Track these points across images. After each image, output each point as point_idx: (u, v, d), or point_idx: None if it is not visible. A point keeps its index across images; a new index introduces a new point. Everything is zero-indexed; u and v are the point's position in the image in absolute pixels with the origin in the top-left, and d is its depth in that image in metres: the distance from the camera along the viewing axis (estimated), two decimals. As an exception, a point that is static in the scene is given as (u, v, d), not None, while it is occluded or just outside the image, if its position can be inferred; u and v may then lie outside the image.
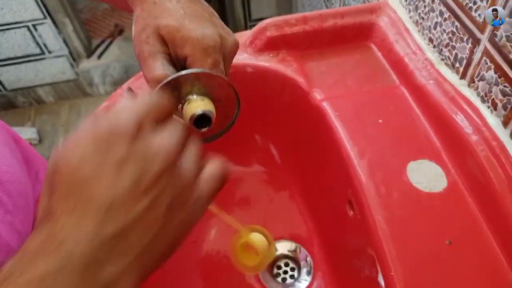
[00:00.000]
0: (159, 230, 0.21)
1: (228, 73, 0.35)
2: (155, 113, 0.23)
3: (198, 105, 0.31)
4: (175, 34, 0.31)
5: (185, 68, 0.32)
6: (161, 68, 0.31)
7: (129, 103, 0.23)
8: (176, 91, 0.32)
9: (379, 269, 0.36)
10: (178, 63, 0.33)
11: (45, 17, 1.42)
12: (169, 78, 0.30)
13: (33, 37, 1.48)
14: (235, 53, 0.35)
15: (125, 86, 0.48)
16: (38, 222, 0.21)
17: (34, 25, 1.44)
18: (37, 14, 1.41)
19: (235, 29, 1.54)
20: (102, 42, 1.66)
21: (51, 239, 0.19)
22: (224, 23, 0.36)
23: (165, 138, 0.22)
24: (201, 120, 0.32)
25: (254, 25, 0.53)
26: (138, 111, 0.22)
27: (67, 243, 0.19)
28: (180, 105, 0.32)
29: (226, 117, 0.36)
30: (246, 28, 1.58)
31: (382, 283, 0.36)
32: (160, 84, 0.30)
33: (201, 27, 0.32)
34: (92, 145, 0.21)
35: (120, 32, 1.72)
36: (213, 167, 0.25)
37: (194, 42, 0.31)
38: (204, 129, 0.32)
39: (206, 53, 0.31)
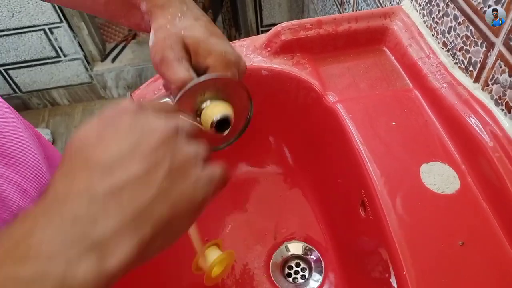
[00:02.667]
0: (156, 196, 0.21)
1: None
2: (155, 107, 0.25)
3: (218, 108, 0.33)
4: (200, 45, 0.34)
5: None
6: (187, 72, 0.33)
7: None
8: (191, 98, 0.33)
9: (391, 269, 0.36)
10: (197, 72, 0.35)
11: (61, 21, 1.45)
12: (199, 80, 0.32)
13: (49, 40, 1.51)
14: (245, 74, 0.38)
15: (136, 93, 0.50)
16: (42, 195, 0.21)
17: (50, 29, 1.48)
18: (54, 18, 1.44)
19: (247, 34, 1.55)
20: (116, 46, 1.69)
21: (43, 203, 0.20)
22: (236, 28, 0.39)
23: (164, 119, 0.24)
24: (221, 123, 0.33)
25: (265, 31, 0.54)
26: (139, 103, 0.24)
27: (58, 202, 0.20)
28: (197, 112, 0.34)
29: (238, 124, 0.37)
30: (257, 33, 1.59)
31: (394, 283, 0.36)
32: (189, 85, 0.32)
33: (223, 44, 0.34)
34: (97, 121, 0.23)
35: (134, 36, 1.75)
36: (215, 166, 0.26)
37: (217, 55, 0.33)
38: (225, 132, 0.33)
39: (228, 66, 0.34)
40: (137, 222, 0.21)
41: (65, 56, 1.57)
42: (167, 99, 0.34)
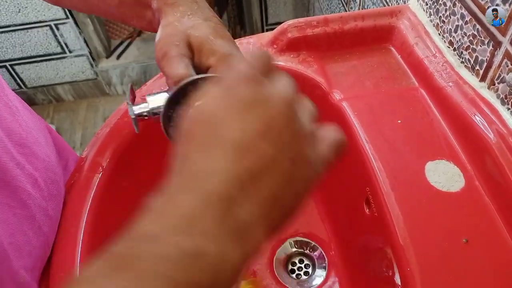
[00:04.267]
0: (286, 182, 0.21)
1: None
2: (265, 66, 0.24)
3: None
4: (204, 44, 0.34)
5: None
6: (185, 69, 0.33)
7: (240, 63, 0.23)
8: (186, 97, 0.33)
9: (395, 266, 0.37)
10: (199, 71, 0.35)
11: (67, 17, 1.46)
12: (193, 78, 0.32)
13: (55, 36, 1.52)
14: None
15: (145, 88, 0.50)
16: (175, 169, 0.21)
17: (56, 25, 1.48)
18: (60, 14, 1.45)
19: (252, 32, 1.56)
20: (121, 43, 1.70)
21: (190, 178, 0.20)
22: (241, 26, 0.38)
23: (284, 85, 0.23)
24: None
25: (270, 29, 0.54)
26: (251, 64, 0.23)
27: (202, 180, 0.20)
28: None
29: None
30: (262, 32, 1.59)
31: (398, 280, 0.37)
32: (184, 81, 0.32)
33: (229, 46, 0.34)
34: (219, 92, 0.22)
35: (139, 33, 1.75)
36: (330, 130, 0.25)
37: (220, 56, 0.33)
38: None
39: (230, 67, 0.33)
40: (270, 213, 0.21)
41: (70, 52, 1.58)
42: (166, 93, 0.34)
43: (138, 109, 0.34)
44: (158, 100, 0.34)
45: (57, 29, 1.49)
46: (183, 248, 0.18)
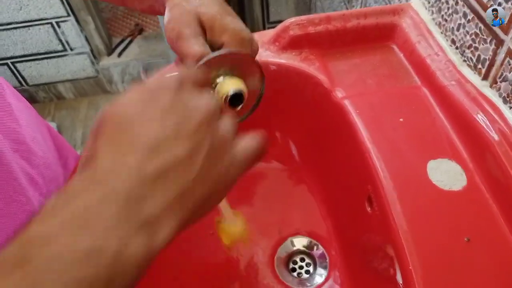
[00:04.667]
0: (197, 177, 0.22)
1: None
2: (194, 79, 0.25)
3: (232, 83, 0.33)
4: (215, 22, 0.34)
5: None
6: (203, 46, 0.33)
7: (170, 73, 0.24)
8: (206, 73, 0.33)
9: (397, 264, 0.37)
10: (212, 49, 0.35)
11: (68, 15, 1.46)
12: (214, 54, 0.32)
13: (56, 34, 1.52)
14: (257, 53, 0.38)
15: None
16: (80, 167, 0.22)
17: (57, 22, 1.48)
18: (61, 11, 1.45)
19: (253, 31, 1.55)
20: (123, 40, 1.70)
21: (93, 177, 0.20)
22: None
23: (204, 98, 0.24)
24: (234, 99, 0.33)
25: (272, 27, 0.54)
26: (180, 75, 0.24)
27: (110, 178, 0.20)
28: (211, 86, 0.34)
29: (249, 103, 0.37)
30: (264, 30, 1.59)
31: (400, 279, 0.37)
32: (206, 58, 0.32)
33: (237, 22, 0.35)
34: (137, 95, 0.23)
35: (140, 31, 1.75)
36: (250, 137, 0.26)
37: (233, 32, 0.34)
38: (238, 107, 0.34)
39: (243, 43, 0.34)
40: (180, 202, 0.21)
41: (71, 50, 1.58)
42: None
43: None
44: None
45: (59, 26, 1.49)
46: (77, 247, 0.18)
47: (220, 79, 0.34)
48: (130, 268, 0.19)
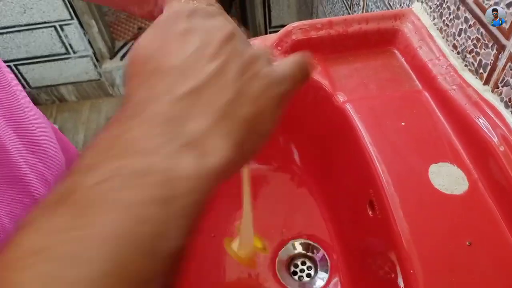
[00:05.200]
0: (236, 93, 0.21)
1: None
2: (206, 11, 0.24)
3: None
4: None
5: None
6: None
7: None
8: None
9: (398, 268, 0.37)
10: None
11: (72, 18, 1.47)
12: None
13: (59, 37, 1.53)
14: None
15: None
16: (120, 108, 0.21)
17: (61, 26, 1.49)
18: (65, 15, 1.46)
19: (255, 35, 1.56)
20: (125, 44, 1.70)
21: (130, 111, 0.20)
22: (245, 28, 0.38)
23: (223, 20, 0.23)
24: None
25: (274, 31, 0.55)
26: (192, 6, 0.24)
27: (145, 107, 0.20)
28: None
29: None
30: (266, 34, 1.60)
31: (401, 283, 0.37)
32: None
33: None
34: (154, 28, 0.23)
35: (143, 34, 1.76)
36: (291, 56, 0.25)
37: None
38: None
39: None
40: (224, 122, 0.20)
41: (74, 53, 1.59)
42: None
43: None
44: None
45: (62, 30, 1.50)
46: (126, 169, 0.17)
47: None
48: (184, 190, 0.17)
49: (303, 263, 0.54)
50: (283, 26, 0.54)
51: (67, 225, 0.15)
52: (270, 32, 1.57)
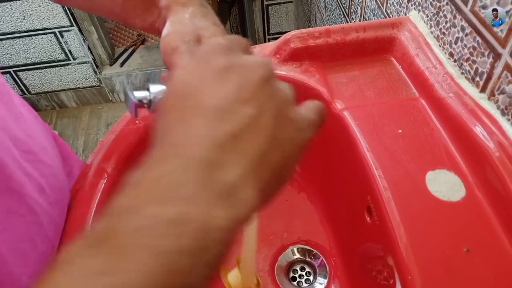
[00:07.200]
0: (270, 140, 0.21)
1: None
2: (240, 43, 0.25)
3: None
4: None
5: None
6: None
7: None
8: None
9: (396, 274, 0.37)
10: None
11: (71, 25, 1.48)
12: None
13: (59, 43, 1.53)
14: None
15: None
16: (154, 143, 0.21)
17: (60, 32, 1.50)
18: (65, 21, 1.46)
19: (254, 42, 1.57)
20: (125, 50, 1.71)
21: (168, 151, 0.20)
22: (244, 36, 0.39)
23: (257, 58, 0.23)
24: None
25: (272, 39, 0.55)
26: (227, 40, 0.24)
27: (183, 149, 0.19)
28: None
29: None
30: (265, 41, 1.61)
31: (399, 288, 0.37)
32: None
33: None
34: (193, 63, 0.23)
35: (143, 41, 1.77)
36: (310, 102, 0.25)
37: None
38: None
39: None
40: (257, 168, 0.20)
41: (74, 59, 1.59)
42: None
43: (139, 94, 0.33)
44: (161, 90, 0.33)
45: (62, 36, 1.51)
46: (163, 217, 0.17)
47: None
48: (216, 242, 0.18)
49: (302, 269, 0.54)
50: (281, 32, 0.54)
51: (100, 269, 0.16)
52: (269, 39, 1.58)
